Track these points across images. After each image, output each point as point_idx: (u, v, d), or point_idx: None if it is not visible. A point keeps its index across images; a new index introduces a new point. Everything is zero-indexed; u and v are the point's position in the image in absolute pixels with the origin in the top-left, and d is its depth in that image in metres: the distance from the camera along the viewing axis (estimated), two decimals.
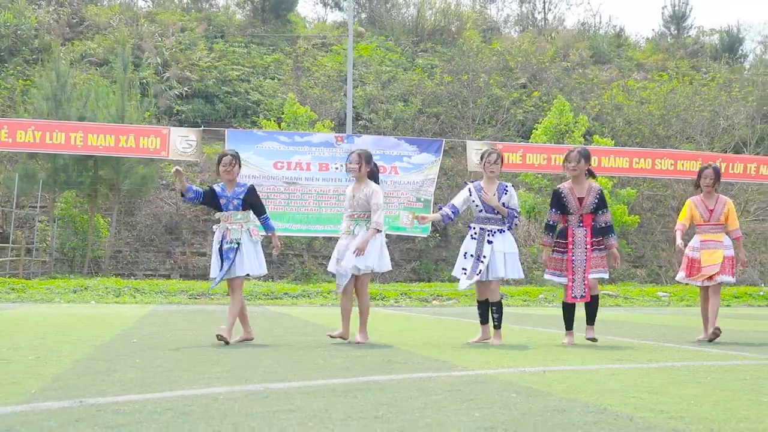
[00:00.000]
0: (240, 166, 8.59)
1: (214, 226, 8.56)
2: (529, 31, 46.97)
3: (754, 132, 37.97)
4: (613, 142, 31.24)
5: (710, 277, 9.24)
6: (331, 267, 8.60)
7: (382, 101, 37.20)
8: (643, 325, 12.79)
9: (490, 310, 8.54)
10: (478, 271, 8.26)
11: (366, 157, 8.66)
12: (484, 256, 8.26)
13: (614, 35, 48.71)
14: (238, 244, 8.28)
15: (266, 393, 4.58)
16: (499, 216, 8.43)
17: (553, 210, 8.64)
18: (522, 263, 8.89)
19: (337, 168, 21.81)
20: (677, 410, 4.13)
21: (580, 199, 8.48)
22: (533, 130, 32.12)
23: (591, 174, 8.71)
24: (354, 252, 8.17)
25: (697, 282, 9.39)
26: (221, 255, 8.26)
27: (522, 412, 4.01)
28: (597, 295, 8.65)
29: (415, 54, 42.04)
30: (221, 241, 8.30)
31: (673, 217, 37.37)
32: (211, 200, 8.48)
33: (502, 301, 8.68)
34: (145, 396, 4.40)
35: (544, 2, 49.19)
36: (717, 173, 9.48)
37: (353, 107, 36.51)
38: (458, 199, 8.61)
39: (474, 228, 8.48)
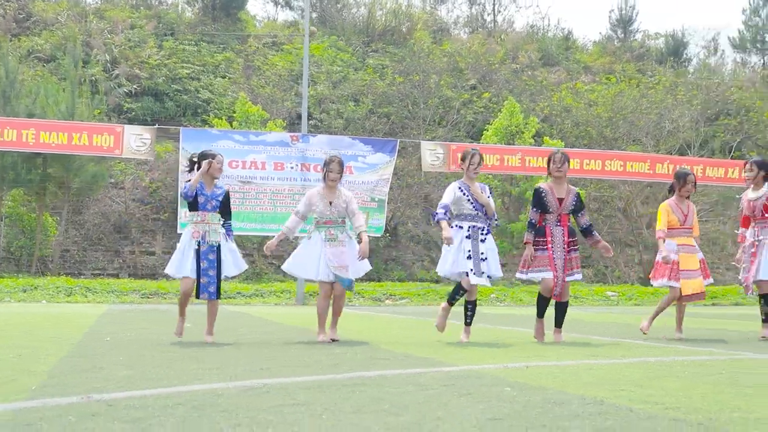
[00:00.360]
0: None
1: (190, 226, 8.38)
2: (479, 32, 47.30)
3: (698, 135, 38.68)
4: (563, 143, 31.62)
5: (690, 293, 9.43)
6: (318, 275, 8.46)
7: (333, 101, 37.22)
8: (600, 324, 13.03)
9: (464, 308, 8.64)
10: (483, 270, 8.37)
11: (343, 165, 8.80)
12: (482, 253, 8.36)
13: (562, 38, 49.29)
14: (218, 246, 8.28)
15: (266, 388, 4.62)
16: (485, 215, 8.53)
17: (535, 209, 8.77)
18: None
19: (292, 167, 21.85)
20: (670, 402, 4.26)
21: (560, 200, 8.67)
22: (484, 131, 32.39)
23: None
24: (359, 258, 8.42)
25: (672, 284, 9.52)
26: (198, 256, 8.19)
27: (523, 404, 4.11)
28: (567, 301, 8.86)
29: (365, 54, 42.12)
30: (199, 241, 8.21)
31: (619, 218, 38.03)
32: (194, 196, 8.37)
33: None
34: (149, 392, 4.42)
35: (494, 4, 49.64)
36: (695, 179, 9.76)
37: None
38: (449, 198, 8.55)
39: (464, 226, 8.50)
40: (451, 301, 8.71)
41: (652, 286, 10.08)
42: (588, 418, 3.71)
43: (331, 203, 8.53)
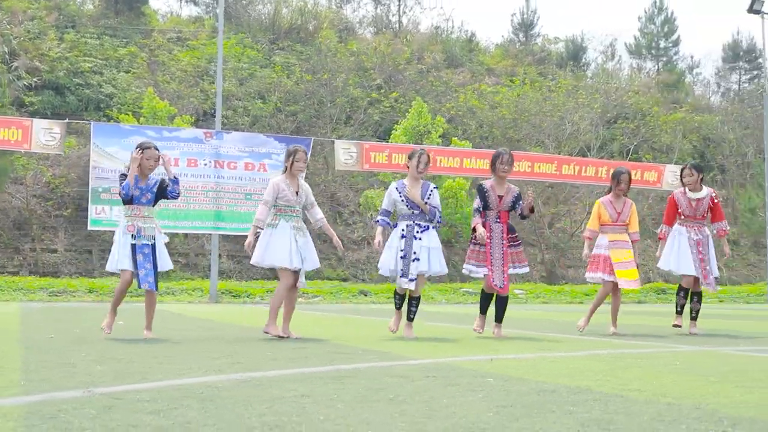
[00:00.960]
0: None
1: (124, 220, 8.27)
2: (385, 33, 47.54)
3: (597, 137, 39.77)
4: (470, 144, 32.11)
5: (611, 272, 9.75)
6: (292, 263, 8.38)
7: (239, 98, 36.94)
8: (526, 320, 13.31)
9: (408, 303, 8.75)
10: (415, 272, 8.48)
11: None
12: (415, 252, 8.48)
13: (466, 40, 49.93)
14: (154, 240, 8.20)
15: (260, 381, 4.65)
16: (423, 213, 8.65)
17: (480, 209, 9.01)
18: (377, 262, 9.13)
19: (205, 164, 21.64)
20: (651, 389, 4.44)
21: (500, 197, 8.92)
22: (392, 131, 32.65)
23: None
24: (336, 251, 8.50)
25: (610, 278, 9.84)
26: (134, 250, 8.08)
27: (518, 393, 4.24)
28: (507, 296, 9.09)
29: (272, 52, 41.91)
30: (134, 236, 8.09)
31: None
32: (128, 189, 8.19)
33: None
34: (143, 386, 4.40)
35: (399, 5, 49.95)
36: (630, 178, 10.09)
37: (211, 104, 36.15)
38: (388, 202, 8.78)
39: (401, 225, 8.66)
40: (397, 306, 8.88)
41: (557, 284, 10.41)
42: (589, 404, 3.86)
43: (297, 193, 8.58)
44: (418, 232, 8.58)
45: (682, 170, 10.38)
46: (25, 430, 3.06)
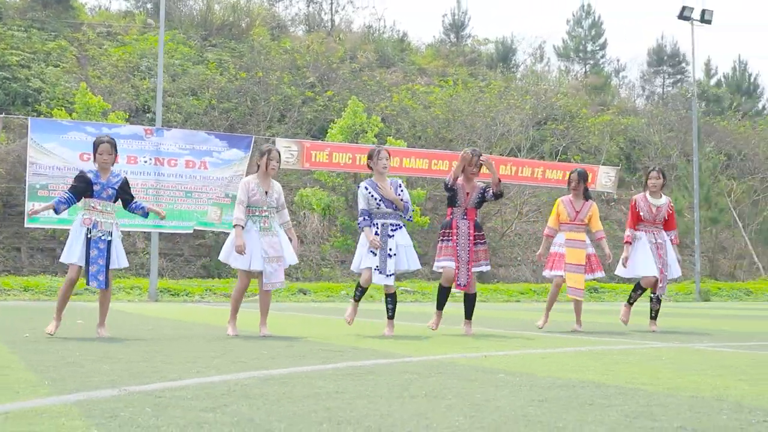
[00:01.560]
0: (117, 153, 8.37)
1: (80, 213, 8.12)
2: (318, 31, 47.48)
3: (527, 138, 40.33)
4: (405, 143, 32.29)
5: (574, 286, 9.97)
6: (250, 266, 8.41)
7: (171, 95, 36.49)
8: (479, 318, 13.44)
9: (386, 302, 8.82)
10: (392, 269, 8.56)
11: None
12: (390, 249, 8.54)
13: (398, 40, 50.15)
14: (110, 236, 8.07)
15: (281, 378, 4.67)
16: (396, 211, 8.71)
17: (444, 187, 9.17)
18: (311, 261, 9.19)
19: (145, 161, 21.41)
20: (665, 383, 4.57)
21: (467, 194, 9.04)
22: (329, 130, 32.67)
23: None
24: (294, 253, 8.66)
25: (556, 273, 10.05)
26: (88, 244, 7.92)
27: (542, 388, 4.33)
28: (475, 293, 9.21)
29: (204, 48, 41.52)
30: (90, 229, 7.94)
31: None
32: (83, 190, 8.08)
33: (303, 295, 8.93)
34: (173, 384, 4.39)
35: (331, 3, 49.93)
36: (582, 177, 10.28)
37: (144, 100, 35.69)
38: (363, 203, 8.76)
39: (375, 224, 8.67)
40: (356, 298, 8.98)
41: (489, 282, 10.61)
42: (619, 398, 3.97)
43: (266, 193, 8.54)
44: (392, 230, 8.65)
45: (648, 173, 10.61)
46: (100, 429, 3.04)
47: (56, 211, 8.05)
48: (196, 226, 22.37)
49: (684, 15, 28.91)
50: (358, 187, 9.00)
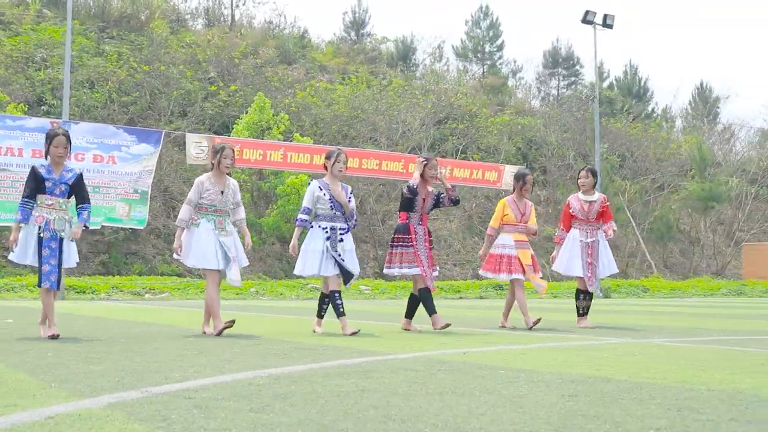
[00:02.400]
0: (71, 146, 8.04)
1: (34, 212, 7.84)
2: (217, 26, 46.85)
3: (428, 137, 40.69)
4: (311, 140, 32.18)
5: (523, 271, 10.05)
6: (213, 263, 8.21)
7: (69, 87, 35.41)
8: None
9: (332, 299, 8.66)
10: (343, 271, 8.47)
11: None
12: (339, 255, 8.44)
13: (299, 36, 49.86)
14: (62, 234, 7.77)
15: (301, 376, 4.59)
16: (344, 215, 8.63)
17: (409, 194, 9.06)
18: None
19: None
20: (673, 377, 4.67)
21: (423, 200, 9.08)
22: (234, 126, 32.31)
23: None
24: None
25: (503, 276, 10.13)
26: (40, 244, 7.57)
27: (556, 383, 4.36)
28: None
29: (101, 40, 40.47)
30: (41, 227, 7.59)
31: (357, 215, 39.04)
32: (37, 188, 7.69)
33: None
34: (190, 384, 4.26)
35: None
36: (533, 180, 10.41)
37: (39, 92, 34.57)
38: (309, 200, 8.61)
39: (324, 226, 8.55)
40: (320, 314, 8.92)
41: (392, 280, 10.66)
42: (641, 392, 4.03)
43: (222, 192, 8.34)
44: (341, 233, 8.57)
45: (579, 173, 10.78)
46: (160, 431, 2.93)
47: (26, 222, 7.66)
48: (103, 222, 21.80)
49: (587, 19, 29.55)
50: (309, 183, 8.84)
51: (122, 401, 3.59)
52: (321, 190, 8.59)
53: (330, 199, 8.54)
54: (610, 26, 29.86)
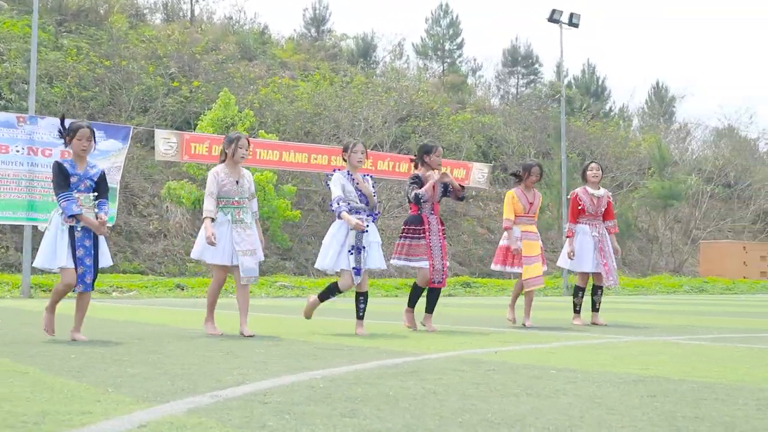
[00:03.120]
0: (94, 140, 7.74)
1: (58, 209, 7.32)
2: (178, 21, 46.32)
3: (390, 134, 40.64)
4: (277, 137, 31.94)
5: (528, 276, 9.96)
6: (224, 260, 7.92)
7: (26, 81, 34.76)
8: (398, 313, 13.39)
9: (356, 301, 8.48)
10: (364, 266, 8.22)
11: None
12: (363, 247, 8.23)
13: (259, 32, 49.47)
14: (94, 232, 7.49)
15: (348, 379, 4.46)
16: (368, 206, 8.42)
17: (415, 185, 8.88)
18: (176, 256, 8.74)
19: (18, 151, 20.30)
20: (715, 375, 4.62)
21: (433, 187, 8.86)
22: (198, 122, 31.94)
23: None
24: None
25: (515, 269, 10.03)
26: (73, 242, 7.20)
27: (612, 384, 4.29)
28: (440, 288, 9.10)
29: (59, 34, 39.77)
30: (74, 227, 7.20)
31: (317, 212, 38.92)
32: (65, 183, 7.31)
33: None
34: (252, 387, 4.12)
35: None
36: (541, 170, 10.30)
37: None
38: (340, 188, 8.30)
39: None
40: (323, 298, 8.64)
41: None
42: (691, 393, 3.97)
43: (237, 182, 8.04)
44: (366, 225, 8.29)
45: (586, 167, 10.76)
46: None
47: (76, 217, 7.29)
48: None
49: (554, 18, 29.71)
50: (330, 176, 8.50)
51: (200, 407, 3.44)
52: (347, 177, 8.36)
53: (358, 192, 8.33)
54: (576, 25, 30.04)
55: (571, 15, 30.01)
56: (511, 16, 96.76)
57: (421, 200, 8.79)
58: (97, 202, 7.58)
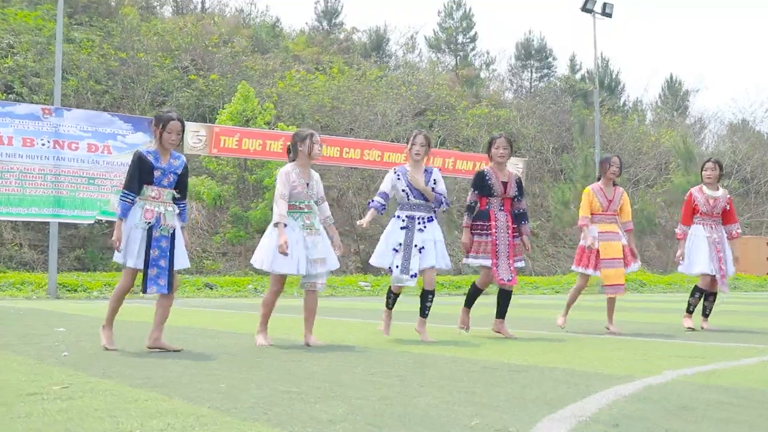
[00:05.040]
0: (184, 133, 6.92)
1: (140, 202, 6.58)
2: (187, 14, 45.43)
3: (406, 129, 39.84)
4: (296, 129, 31.12)
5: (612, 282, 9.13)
6: (299, 270, 7.09)
7: (37, 74, 33.89)
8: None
9: (422, 298, 7.87)
10: (417, 267, 7.64)
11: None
12: (416, 246, 7.68)
13: (271, 26, 48.61)
14: (173, 231, 6.67)
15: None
16: (427, 202, 7.90)
17: (476, 191, 8.31)
18: (192, 253, 8.01)
19: (43, 144, 19.44)
20: None
21: (504, 184, 8.27)
22: (217, 115, 31.15)
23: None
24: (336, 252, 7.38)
25: (589, 272, 9.22)
26: (149, 242, 6.46)
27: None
28: (512, 290, 8.39)
29: (70, 27, 38.85)
30: (152, 224, 6.50)
31: (333, 208, 38.08)
32: (144, 178, 6.61)
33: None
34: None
35: None
36: (621, 163, 9.45)
37: (8, 80, 32.99)
38: (386, 185, 7.94)
39: (401, 215, 7.83)
40: (388, 305, 8.21)
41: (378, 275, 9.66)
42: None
43: (308, 185, 7.22)
44: (421, 223, 7.80)
45: (703, 164, 10.00)
46: None
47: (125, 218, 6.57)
48: (98, 215, 20.53)
49: (587, 8, 28.98)
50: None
51: None
52: (397, 176, 7.92)
53: (407, 187, 7.82)
54: (609, 15, 29.34)
55: (605, 5, 29.24)
56: (524, 9, 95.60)
57: (471, 206, 8.38)
58: (180, 206, 6.81)
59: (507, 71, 57.84)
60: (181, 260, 6.75)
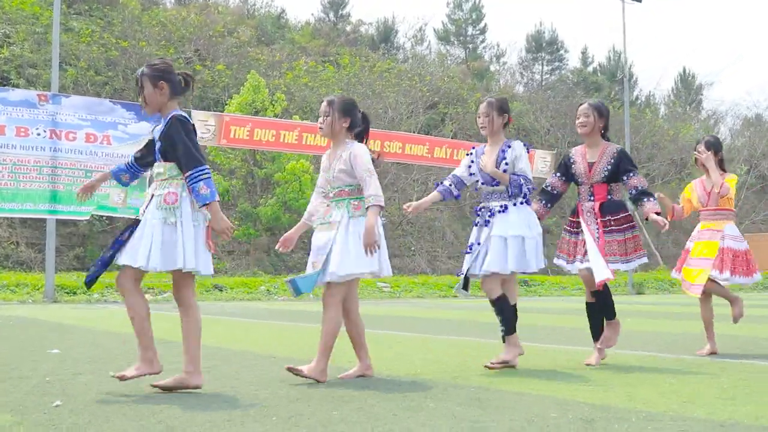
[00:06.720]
0: None
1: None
2: (189, 4, 44.08)
3: (418, 122, 38.69)
4: (309, 121, 29.81)
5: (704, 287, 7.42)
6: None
7: (35, 65, 32.50)
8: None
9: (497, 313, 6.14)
10: (477, 271, 6.03)
11: (341, 106, 5.55)
12: (479, 244, 6.05)
13: (276, 17, 47.31)
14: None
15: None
16: (503, 187, 6.10)
17: (556, 174, 6.71)
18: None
19: (39, 134, 17.90)
20: None
21: (591, 165, 6.45)
22: (225, 106, 29.85)
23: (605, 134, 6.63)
24: (366, 250, 5.17)
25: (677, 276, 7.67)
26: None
27: None
28: (605, 290, 6.48)
29: (69, 16, 37.44)
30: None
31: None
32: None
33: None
34: None
35: None
36: (714, 147, 7.74)
37: (3, 71, 31.59)
38: (460, 167, 6.36)
39: (477, 207, 6.29)
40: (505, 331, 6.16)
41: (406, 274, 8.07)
42: None
43: (330, 167, 5.57)
44: (490, 215, 6.08)
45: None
46: None
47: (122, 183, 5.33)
48: (95, 210, 19.02)
49: None
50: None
51: None
52: (471, 158, 6.35)
53: (478, 171, 6.22)
54: (639, 0, 27.99)
55: None
56: (535, 1, 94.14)
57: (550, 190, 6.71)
58: (189, 179, 5.15)
59: (517, 64, 56.46)
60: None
